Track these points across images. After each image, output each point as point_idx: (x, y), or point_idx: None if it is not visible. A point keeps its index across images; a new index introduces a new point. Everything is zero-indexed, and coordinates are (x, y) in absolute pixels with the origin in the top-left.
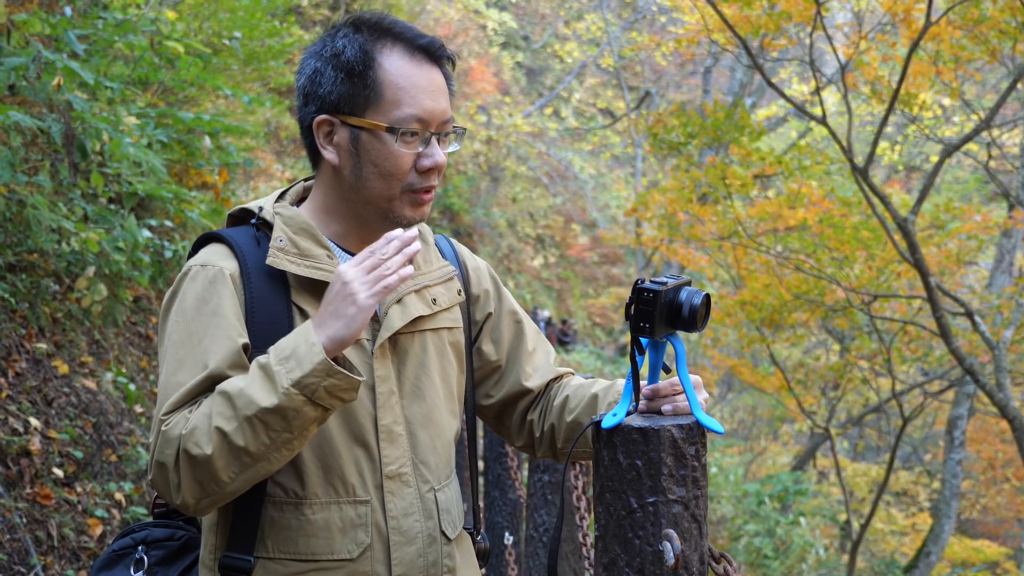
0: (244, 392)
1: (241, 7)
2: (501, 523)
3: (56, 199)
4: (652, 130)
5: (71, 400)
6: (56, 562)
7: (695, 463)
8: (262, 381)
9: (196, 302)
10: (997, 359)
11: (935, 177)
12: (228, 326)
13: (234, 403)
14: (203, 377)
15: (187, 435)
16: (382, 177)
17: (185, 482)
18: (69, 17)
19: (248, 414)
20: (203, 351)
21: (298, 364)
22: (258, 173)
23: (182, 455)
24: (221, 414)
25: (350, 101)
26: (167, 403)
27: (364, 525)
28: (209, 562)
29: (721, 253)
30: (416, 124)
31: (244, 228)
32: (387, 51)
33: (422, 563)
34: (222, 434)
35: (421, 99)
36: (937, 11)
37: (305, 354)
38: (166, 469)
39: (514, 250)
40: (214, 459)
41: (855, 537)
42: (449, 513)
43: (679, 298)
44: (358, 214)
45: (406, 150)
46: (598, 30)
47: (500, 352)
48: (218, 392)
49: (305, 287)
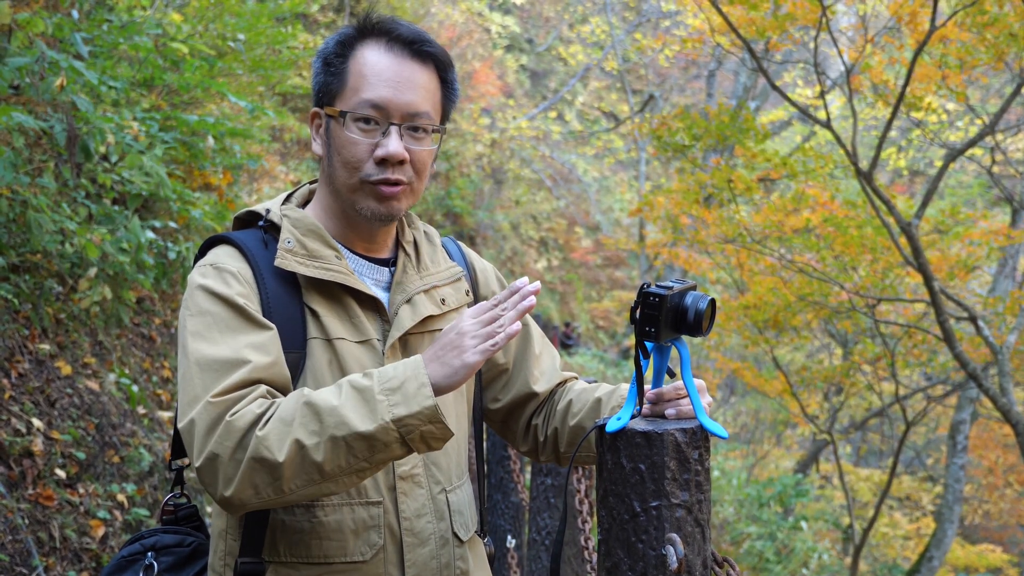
0: (337, 411)
1: (246, 10)
2: (504, 526)
3: (60, 200)
4: (657, 132)
5: (74, 401)
6: (58, 563)
7: (698, 467)
8: (359, 405)
9: (213, 297)
10: (1001, 364)
11: (939, 181)
12: (252, 314)
13: (322, 419)
14: (249, 365)
15: (261, 437)
16: (343, 166)
17: (241, 480)
18: (75, 20)
19: (337, 434)
20: (236, 340)
21: (404, 400)
22: (262, 175)
23: (249, 456)
24: (304, 426)
25: (327, 91)
26: (217, 384)
27: (377, 527)
28: (219, 567)
29: (724, 257)
30: (370, 110)
31: (251, 231)
32: (365, 43)
33: (435, 565)
34: (300, 446)
35: (379, 87)
36: (943, 14)
37: (414, 393)
38: (220, 461)
39: (517, 253)
40: (284, 468)
41: (858, 542)
42: (461, 515)
43: (684, 302)
44: (342, 209)
45: (360, 137)
46: (602, 33)
47: (507, 356)
48: (305, 403)
49: (315, 288)
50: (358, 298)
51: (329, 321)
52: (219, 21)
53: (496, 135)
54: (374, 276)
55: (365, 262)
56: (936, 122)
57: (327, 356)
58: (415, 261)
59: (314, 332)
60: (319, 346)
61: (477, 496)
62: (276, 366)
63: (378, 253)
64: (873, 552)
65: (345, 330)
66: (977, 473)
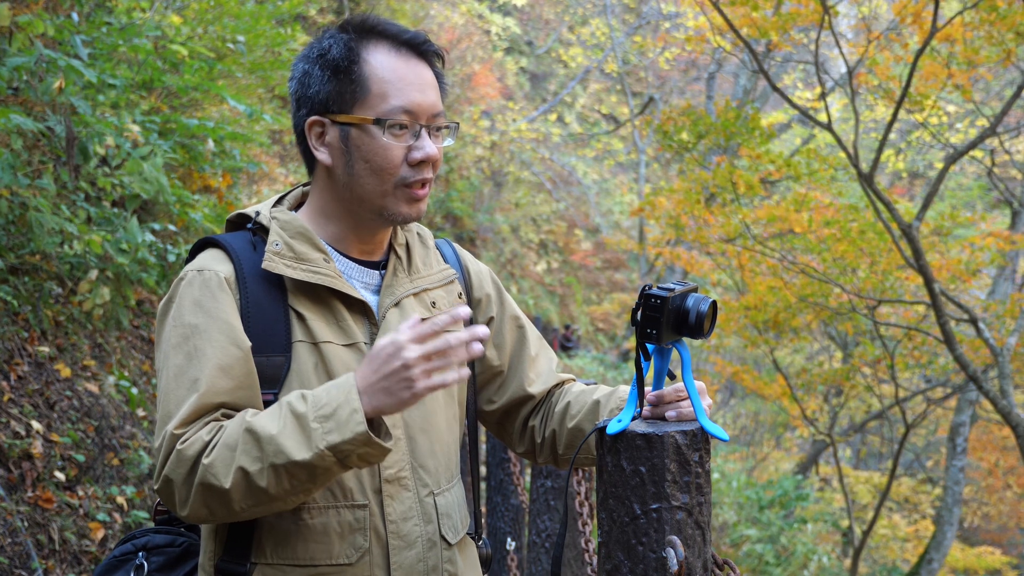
0: (275, 440)
1: (246, 13)
2: (503, 528)
3: (59, 202)
4: (663, 127)
5: (73, 403)
6: (57, 566)
7: (699, 469)
8: (296, 433)
9: (194, 307)
10: (1001, 366)
11: (940, 184)
12: (229, 330)
13: (262, 447)
14: (210, 390)
15: (207, 465)
16: (374, 173)
17: (194, 503)
18: (75, 22)
19: (276, 463)
20: (205, 358)
21: (337, 428)
22: (261, 177)
23: (198, 482)
24: (247, 453)
25: (338, 99)
26: (176, 416)
27: (363, 530)
28: (208, 568)
29: (725, 258)
30: (404, 116)
31: (241, 233)
32: (372, 47)
33: (422, 568)
34: (244, 472)
35: (408, 91)
36: (947, 15)
37: (346, 420)
38: (174, 485)
39: (517, 255)
40: (231, 492)
41: (857, 544)
42: (450, 518)
43: (686, 305)
44: (354, 214)
45: (395, 143)
46: (602, 35)
47: (503, 357)
48: (246, 430)
49: (302, 291)
50: (345, 301)
51: (315, 324)
52: (218, 23)
53: (496, 137)
54: (364, 279)
55: (355, 265)
56: (937, 124)
57: (313, 360)
58: (406, 264)
59: (299, 335)
60: (304, 350)
61: (472, 498)
62: (240, 389)
63: (372, 256)
64: (873, 554)
65: (332, 333)
66: (976, 475)
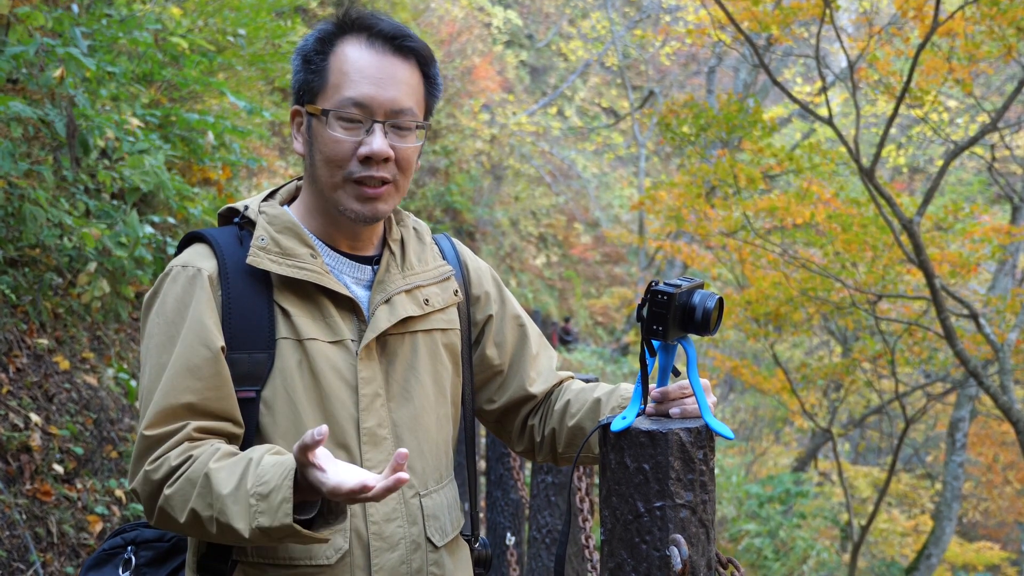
0: (223, 500)
1: (246, 5)
2: (503, 523)
3: (58, 194)
4: (665, 120)
5: (72, 396)
6: (56, 559)
7: (703, 467)
8: (238, 500)
9: (176, 305)
10: (1002, 361)
11: (941, 179)
12: (201, 329)
13: (212, 502)
14: (176, 389)
15: (168, 496)
16: (325, 164)
17: (157, 520)
18: (75, 14)
19: (221, 520)
20: (175, 357)
21: (268, 511)
22: (261, 170)
23: (159, 507)
24: (202, 498)
25: (308, 89)
26: (145, 416)
27: (343, 530)
28: (192, 564)
29: (725, 251)
30: (353, 108)
31: (228, 227)
32: (347, 40)
33: (405, 570)
34: (196, 515)
35: (361, 84)
36: (948, 9)
37: (276, 507)
38: (142, 497)
39: (516, 249)
40: (185, 528)
41: (856, 539)
42: (437, 519)
43: (693, 301)
44: (325, 208)
45: (344, 136)
46: (603, 29)
47: (503, 356)
48: (206, 473)
49: (288, 286)
50: (333, 298)
51: (301, 321)
52: (219, 15)
53: (496, 131)
54: (355, 275)
55: (347, 260)
56: (937, 119)
57: (296, 356)
58: (400, 260)
59: (284, 332)
60: (288, 346)
61: (469, 497)
62: (208, 390)
63: (363, 251)
64: (872, 549)
65: (318, 330)
66: (976, 471)
